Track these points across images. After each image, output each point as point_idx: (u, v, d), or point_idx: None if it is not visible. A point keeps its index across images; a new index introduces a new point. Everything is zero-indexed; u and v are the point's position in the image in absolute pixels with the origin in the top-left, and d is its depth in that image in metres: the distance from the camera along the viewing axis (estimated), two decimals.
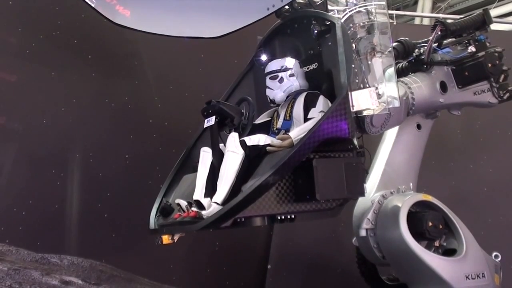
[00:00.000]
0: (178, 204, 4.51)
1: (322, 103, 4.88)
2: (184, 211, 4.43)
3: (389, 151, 6.17)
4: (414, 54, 6.19)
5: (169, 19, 5.65)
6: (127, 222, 6.69)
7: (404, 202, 5.61)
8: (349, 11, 5.29)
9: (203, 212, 4.24)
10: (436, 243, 5.68)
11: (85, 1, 5.42)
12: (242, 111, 4.78)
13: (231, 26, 5.50)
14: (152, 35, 5.76)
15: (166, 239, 4.61)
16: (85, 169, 6.78)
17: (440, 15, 10.15)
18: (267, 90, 5.24)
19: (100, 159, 6.86)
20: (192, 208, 4.35)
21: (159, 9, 5.59)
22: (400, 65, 6.27)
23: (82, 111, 6.86)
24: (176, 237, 4.64)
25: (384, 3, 5.26)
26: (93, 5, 5.44)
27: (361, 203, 5.88)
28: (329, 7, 5.62)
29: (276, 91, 5.17)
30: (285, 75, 5.16)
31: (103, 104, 7.00)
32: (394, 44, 6.00)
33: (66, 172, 6.66)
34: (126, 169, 6.96)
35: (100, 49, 7.07)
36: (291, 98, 5.14)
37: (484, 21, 6.19)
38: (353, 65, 4.87)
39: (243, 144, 4.40)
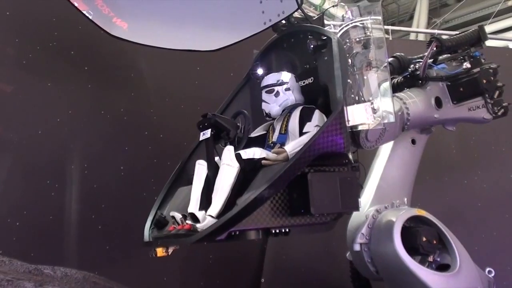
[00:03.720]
0: (173, 217, 4.50)
1: (317, 118, 4.89)
2: (178, 224, 4.42)
3: (384, 166, 6.18)
4: (410, 69, 6.22)
5: (166, 32, 5.67)
6: (121, 234, 6.68)
7: (398, 217, 5.62)
8: (345, 26, 5.32)
9: (198, 225, 4.23)
10: (430, 258, 5.68)
11: (83, 13, 5.44)
12: (238, 124, 4.79)
13: (227, 39, 5.55)
14: (149, 47, 5.79)
15: (160, 251, 4.61)
16: (80, 180, 6.76)
17: (436, 31, 10.22)
18: (263, 103, 5.26)
19: (95, 171, 6.85)
20: (187, 221, 4.34)
21: (156, 22, 5.61)
22: (395, 80, 6.30)
23: (78, 122, 6.85)
24: (170, 250, 4.64)
25: (380, 18, 5.29)
26: (90, 17, 5.46)
27: (356, 217, 5.89)
28: (326, 22, 5.64)
29: (272, 105, 5.18)
30: (281, 89, 5.17)
31: (99, 115, 7.00)
32: (390, 59, 6.02)
33: (61, 183, 6.65)
34: (121, 180, 6.95)
35: (97, 61, 7.08)
36: (287, 112, 5.15)
37: (479, 38, 6.23)
38: (348, 80, 4.89)
39: (238, 157, 4.41)
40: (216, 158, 4.65)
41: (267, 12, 5.22)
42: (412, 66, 6.22)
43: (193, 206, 4.43)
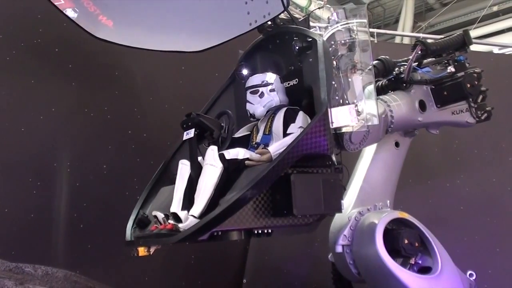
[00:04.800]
0: (155, 216, 4.49)
1: (301, 119, 4.90)
2: (160, 223, 4.41)
3: (367, 168, 6.19)
4: (394, 72, 6.24)
5: (152, 33, 5.64)
6: (103, 233, 6.65)
7: (380, 219, 5.62)
8: (331, 29, 5.33)
9: (180, 225, 4.22)
10: (412, 261, 5.69)
11: (67, 16, 5.41)
12: (222, 124, 4.77)
13: (213, 40, 5.53)
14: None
15: (142, 251, 4.60)
16: (62, 178, 6.73)
17: (421, 35, 10.25)
18: (247, 104, 5.25)
19: (78, 169, 6.82)
20: (169, 221, 4.32)
21: (142, 21, 5.58)
22: (380, 83, 6.31)
23: (61, 120, 6.82)
24: (152, 249, 4.62)
25: (365, 21, 5.30)
26: (75, 18, 5.43)
27: (338, 219, 5.89)
28: (311, 24, 5.65)
29: (256, 106, 5.18)
30: (266, 90, 5.17)
31: (83, 114, 6.97)
32: (375, 62, 6.05)
33: (43, 181, 6.61)
34: (103, 179, 6.92)
35: (81, 58, 7.05)
36: (271, 113, 5.15)
37: (464, 42, 6.25)
38: (333, 82, 4.89)
39: (221, 157, 4.39)
40: (200, 158, 4.64)
41: (252, 13, 5.21)
42: (396, 69, 6.24)
43: (176, 206, 4.42)
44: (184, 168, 4.64)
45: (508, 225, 9.22)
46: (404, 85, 6.18)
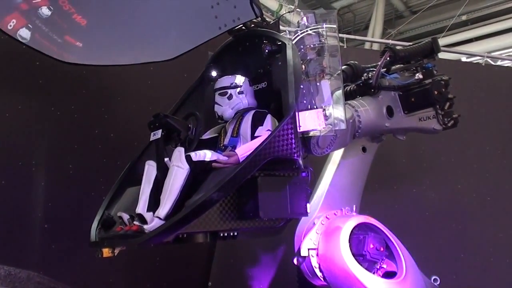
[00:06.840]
0: (120, 217, 4.47)
1: (269, 122, 4.89)
2: (126, 225, 4.39)
3: (334, 173, 6.20)
4: (363, 78, 6.27)
5: (121, 47, 5.58)
6: (68, 233, 6.58)
7: (346, 224, 5.65)
8: (301, 33, 5.33)
9: (145, 227, 4.21)
10: (377, 265, 5.73)
11: (35, 49, 5.38)
12: (189, 125, 4.76)
13: (183, 47, 5.51)
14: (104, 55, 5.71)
15: (106, 252, 4.56)
16: (27, 177, 6.65)
17: (390, 41, 10.32)
18: (216, 106, 5.24)
19: (43, 168, 6.74)
20: (134, 222, 4.31)
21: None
22: (348, 88, 6.34)
23: (27, 118, 6.74)
24: (116, 251, 4.59)
25: (335, 26, 5.31)
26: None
27: (304, 222, 5.90)
28: (281, 28, 5.65)
29: (225, 108, 5.17)
30: (234, 92, 5.17)
31: (49, 112, 6.89)
32: (343, 67, 6.06)
33: (8, 180, 6.52)
34: (69, 179, 6.85)
35: (48, 56, 6.97)
36: (239, 115, 5.14)
37: (432, 50, 6.33)
38: (301, 86, 4.91)
39: (188, 159, 4.38)
40: (166, 159, 4.62)
41: (220, 17, 5.21)
42: (365, 74, 6.28)
43: (141, 207, 4.39)
44: (150, 169, 4.61)
45: (472, 231, 9.35)
46: (372, 90, 6.22)
